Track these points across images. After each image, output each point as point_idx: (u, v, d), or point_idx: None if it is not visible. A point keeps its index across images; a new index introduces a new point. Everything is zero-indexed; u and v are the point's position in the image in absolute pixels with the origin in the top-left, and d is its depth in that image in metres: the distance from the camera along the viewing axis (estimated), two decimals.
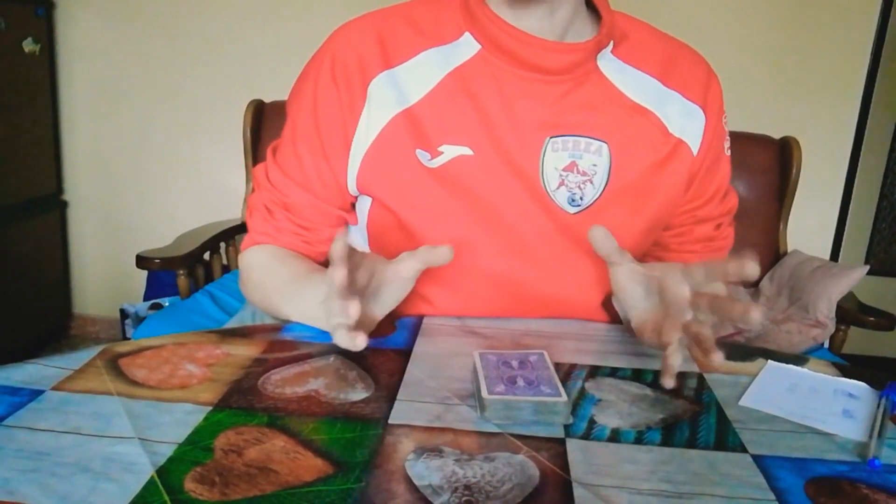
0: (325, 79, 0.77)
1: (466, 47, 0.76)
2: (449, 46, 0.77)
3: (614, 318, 0.86)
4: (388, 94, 0.76)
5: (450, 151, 0.75)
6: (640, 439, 0.54)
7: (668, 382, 0.59)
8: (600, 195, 0.77)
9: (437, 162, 0.75)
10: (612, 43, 0.79)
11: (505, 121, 0.75)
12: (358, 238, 0.88)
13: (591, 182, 0.77)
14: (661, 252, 0.91)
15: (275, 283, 0.80)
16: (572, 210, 0.77)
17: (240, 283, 0.88)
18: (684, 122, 0.80)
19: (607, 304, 0.83)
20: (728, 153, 0.87)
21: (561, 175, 0.76)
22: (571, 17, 0.76)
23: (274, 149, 0.84)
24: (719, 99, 0.84)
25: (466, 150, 0.75)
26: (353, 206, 0.85)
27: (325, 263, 0.87)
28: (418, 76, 0.76)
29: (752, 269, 0.55)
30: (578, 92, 0.77)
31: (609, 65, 0.78)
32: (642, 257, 0.91)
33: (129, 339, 1.63)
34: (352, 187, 0.80)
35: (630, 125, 0.78)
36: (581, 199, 0.77)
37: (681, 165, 0.81)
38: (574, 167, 0.76)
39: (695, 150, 0.81)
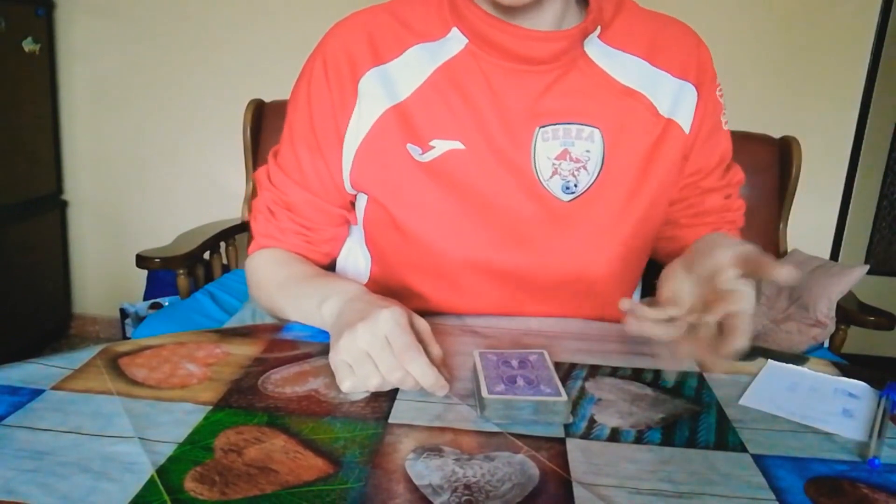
0: (318, 78, 0.78)
1: (454, 42, 0.77)
2: (437, 43, 0.77)
3: (611, 306, 0.85)
4: (379, 90, 0.76)
5: (441, 146, 0.76)
6: (640, 439, 0.54)
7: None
8: (595, 181, 0.77)
9: (429, 156, 0.76)
10: (598, 28, 0.78)
11: (494, 114, 0.75)
12: (356, 238, 0.88)
13: (585, 168, 0.77)
14: (673, 230, 0.89)
15: (277, 284, 0.80)
16: (566, 197, 0.77)
17: (248, 288, 0.88)
18: (675, 101, 0.80)
19: (606, 290, 0.82)
20: (726, 127, 0.86)
21: (554, 164, 0.76)
22: (563, 10, 0.76)
23: (275, 153, 0.85)
24: (710, 70, 0.83)
25: (458, 145, 0.76)
26: (353, 205, 0.85)
27: (328, 266, 0.87)
28: (408, 72, 0.76)
29: (787, 275, 0.56)
30: (566, 79, 0.76)
31: (596, 50, 0.78)
32: (652, 244, 0.90)
33: (128, 338, 1.63)
34: (347, 185, 0.81)
35: (621, 109, 0.78)
36: (575, 185, 0.77)
37: (673, 146, 0.80)
38: (567, 155, 0.76)
39: (687, 129, 0.81)
